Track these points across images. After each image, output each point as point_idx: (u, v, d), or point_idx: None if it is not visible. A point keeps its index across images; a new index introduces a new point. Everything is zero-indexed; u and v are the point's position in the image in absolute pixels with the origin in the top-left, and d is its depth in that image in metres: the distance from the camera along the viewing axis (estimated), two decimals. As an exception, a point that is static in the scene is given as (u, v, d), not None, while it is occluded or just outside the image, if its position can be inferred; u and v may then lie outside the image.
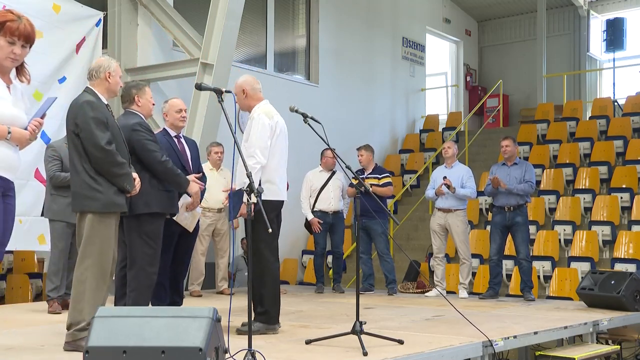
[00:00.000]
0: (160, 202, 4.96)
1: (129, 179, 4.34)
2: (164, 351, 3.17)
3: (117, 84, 4.50)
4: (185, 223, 5.57)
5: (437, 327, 5.49)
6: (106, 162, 4.24)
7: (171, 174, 5.01)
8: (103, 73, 4.42)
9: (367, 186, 4.97)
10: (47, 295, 6.20)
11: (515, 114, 16.24)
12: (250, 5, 9.76)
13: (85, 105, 4.31)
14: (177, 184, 5.07)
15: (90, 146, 4.23)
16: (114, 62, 4.51)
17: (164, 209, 5.01)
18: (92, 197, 4.24)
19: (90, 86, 4.45)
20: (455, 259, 9.55)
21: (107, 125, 4.30)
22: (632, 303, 6.49)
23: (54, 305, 6.09)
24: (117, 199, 4.30)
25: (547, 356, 5.52)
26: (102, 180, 4.27)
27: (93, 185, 4.24)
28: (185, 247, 5.81)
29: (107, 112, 4.38)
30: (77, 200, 4.29)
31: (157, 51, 9.38)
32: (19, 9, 7.37)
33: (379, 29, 13.79)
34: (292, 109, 4.97)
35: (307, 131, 4.95)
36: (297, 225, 9.57)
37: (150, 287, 4.96)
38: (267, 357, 3.77)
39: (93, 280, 4.22)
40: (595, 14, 16.35)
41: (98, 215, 4.24)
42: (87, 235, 4.24)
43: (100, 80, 4.43)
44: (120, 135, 4.44)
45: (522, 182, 7.77)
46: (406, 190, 12.68)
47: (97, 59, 4.61)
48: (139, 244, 4.89)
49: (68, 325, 4.23)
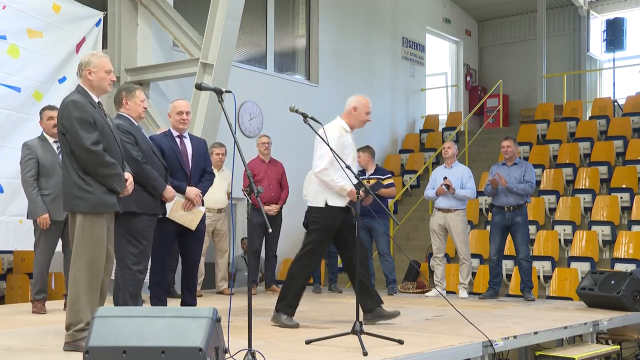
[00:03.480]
0: (139, 202, 4.87)
1: (119, 179, 4.27)
2: (164, 351, 3.17)
3: (101, 80, 4.35)
4: (184, 221, 5.52)
5: (437, 327, 5.49)
6: (93, 162, 4.18)
7: (145, 176, 4.92)
8: (84, 71, 4.36)
9: (366, 187, 4.97)
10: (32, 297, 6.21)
11: (515, 114, 16.25)
12: (250, 5, 9.76)
13: (70, 105, 4.23)
14: (152, 187, 4.99)
15: (75, 147, 4.17)
16: (95, 58, 4.37)
17: (144, 210, 4.93)
18: (81, 197, 4.20)
19: (81, 84, 4.40)
20: (455, 259, 9.55)
21: (93, 125, 4.22)
22: (632, 303, 6.48)
23: (38, 305, 6.10)
24: (107, 199, 4.25)
25: (547, 356, 5.52)
26: (91, 180, 4.22)
27: (82, 186, 4.20)
28: (191, 246, 5.71)
29: (96, 110, 4.28)
30: (67, 200, 4.26)
31: (157, 51, 9.38)
32: (19, 9, 7.40)
33: (379, 29, 13.80)
34: (292, 109, 4.97)
35: (307, 131, 4.94)
36: (297, 225, 9.57)
37: (138, 285, 4.93)
38: (267, 357, 3.76)
39: (86, 280, 4.21)
40: (595, 14, 16.35)
41: (88, 215, 4.22)
42: (77, 236, 4.23)
43: (84, 79, 4.37)
44: (111, 134, 4.37)
45: (522, 183, 7.76)
46: (406, 190, 12.68)
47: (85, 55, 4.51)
48: (122, 243, 4.88)
49: (67, 326, 4.23)
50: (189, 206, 5.50)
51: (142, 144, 5.02)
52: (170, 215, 5.41)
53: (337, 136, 5.33)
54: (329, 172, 5.29)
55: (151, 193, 5.00)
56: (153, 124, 8.80)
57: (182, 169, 5.59)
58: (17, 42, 7.25)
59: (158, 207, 5.11)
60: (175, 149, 5.65)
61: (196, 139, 5.97)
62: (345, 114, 5.55)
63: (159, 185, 5.02)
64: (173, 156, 5.57)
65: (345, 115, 5.54)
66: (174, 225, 5.50)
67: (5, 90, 7.04)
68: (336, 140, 5.27)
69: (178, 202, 5.43)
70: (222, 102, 4.62)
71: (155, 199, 5.04)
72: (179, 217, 5.48)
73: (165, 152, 5.52)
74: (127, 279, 4.90)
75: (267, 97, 10.85)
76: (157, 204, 5.08)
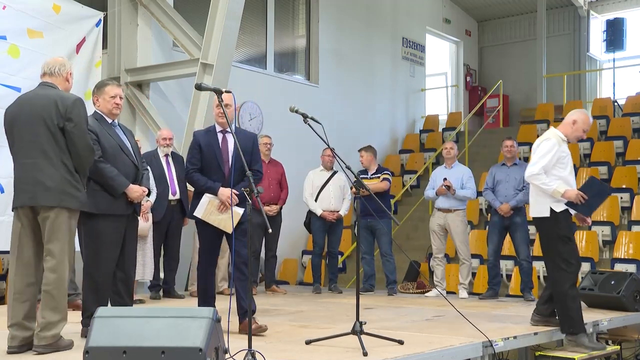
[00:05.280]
0: (98, 203, 4.71)
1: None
2: (164, 351, 3.17)
3: (71, 88, 4.55)
4: (218, 223, 5.20)
5: (437, 327, 5.49)
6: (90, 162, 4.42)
7: (100, 175, 4.71)
8: (65, 73, 4.44)
9: (366, 186, 4.98)
10: None
11: (515, 114, 16.24)
12: (250, 5, 9.76)
13: (79, 103, 4.31)
14: (109, 186, 4.74)
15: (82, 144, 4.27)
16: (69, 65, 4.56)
17: (103, 210, 4.74)
18: (71, 194, 4.24)
19: (49, 81, 4.41)
20: (455, 259, 9.55)
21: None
22: (632, 303, 6.49)
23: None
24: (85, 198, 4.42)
25: (547, 356, 5.51)
26: (79, 178, 4.31)
27: (73, 183, 4.26)
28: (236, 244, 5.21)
29: None
30: (53, 194, 4.19)
31: (157, 51, 9.37)
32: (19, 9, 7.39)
33: (379, 29, 13.79)
34: (292, 109, 4.97)
35: (307, 131, 4.94)
36: (297, 225, 9.58)
37: (96, 288, 4.75)
38: (267, 357, 3.76)
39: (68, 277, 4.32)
40: (595, 14, 16.35)
41: (73, 212, 4.29)
42: (61, 231, 4.21)
43: (62, 80, 4.43)
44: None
45: (521, 184, 7.74)
46: (406, 191, 12.68)
47: (54, 57, 4.58)
48: (84, 244, 4.89)
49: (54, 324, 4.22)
50: (223, 208, 5.17)
51: (107, 142, 4.78)
52: (205, 217, 5.19)
53: (557, 145, 5.30)
54: (540, 177, 5.25)
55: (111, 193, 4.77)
56: (153, 124, 8.80)
57: (219, 167, 5.21)
58: (17, 42, 7.24)
59: (122, 207, 4.82)
60: (214, 145, 5.25)
61: (243, 134, 5.48)
62: (562, 125, 5.50)
63: (117, 185, 4.74)
64: (211, 154, 5.20)
65: (563, 126, 5.49)
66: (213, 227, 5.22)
67: (5, 91, 7.02)
68: (556, 149, 5.26)
69: (212, 203, 5.17)
70: (222, 102, 4.62)
71: (118, 199, 4.79)
72: (213, 220, 5.21)
73: (202, 149, 5.22)
74: (86, 281, 4.80)
75: (267, 98, 10.84)
76: (119, 204, 4.81)
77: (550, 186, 5.22)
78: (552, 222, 5.29)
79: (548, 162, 5.27)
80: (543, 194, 5.29)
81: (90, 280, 4.79)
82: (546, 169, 5.26)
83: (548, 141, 5.33)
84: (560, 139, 5.39)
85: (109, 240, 4.77)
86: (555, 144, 5.31)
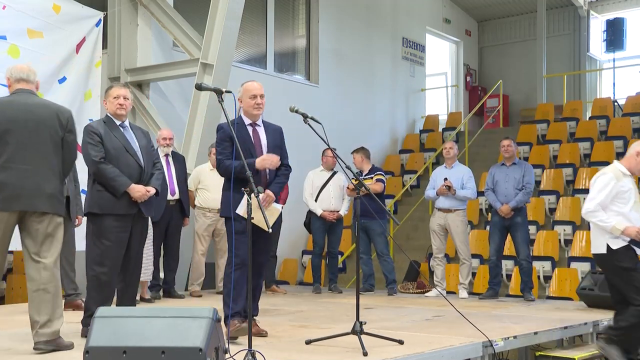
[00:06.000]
0: (101, 203, 4.81)
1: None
2: (164, 351, 3.17)
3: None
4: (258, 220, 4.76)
5: (437, 327, 5.49)
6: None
7: (101, 176, 4.80)
8: (36, 82, 4.57)
9: (366, 186, 4.97)
10: None
11: (515, 114, 16.24)
12: (250, 5, 9.76)
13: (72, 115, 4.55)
14: (111, 187, 4.80)
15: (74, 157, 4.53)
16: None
17: (106, 210, 4.81)
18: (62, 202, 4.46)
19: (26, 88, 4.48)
20: (455, 259, 9.55)
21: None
22: (632, 303, 6.47)
23: None
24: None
25: (547, 356, 5.52)
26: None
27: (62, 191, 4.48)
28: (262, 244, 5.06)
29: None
30: (51, 201, 4.33)
31: (157, 51, 9.38)
32: (19, 9, 7.40)
33: (379, 29, 13.79)
34: (292, 109, 4.97)
35: (307, 132, 4.94)
36: (297, 225, 9.58)
37: (99, 287, 4.79)
38: (267, 357, 3.76)
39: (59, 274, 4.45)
40: (595, 14, 16.34)
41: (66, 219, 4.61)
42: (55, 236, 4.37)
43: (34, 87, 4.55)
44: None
45: (520, 183, 7.75)
46: (406, 191, 12.68)
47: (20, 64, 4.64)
48: (88, 243, 4.95)
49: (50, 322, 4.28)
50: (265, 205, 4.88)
51: (110, 143, 4.84)
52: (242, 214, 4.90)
53: (614, 180, 5.14)
54: (596, 213, 5.12)
55: (113, 193, 4.82)
56: (153, 124, 8.80)
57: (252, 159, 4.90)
58: (17, 42, 7.25)
59: (124, 207, 4.85)
60: (246, 138, 4.96)
61: (272, 127, 5.21)
62: (626, 159, 5.32)
63: (118, 185, 4.78)
64: (244, 146, 4.81)
65: (626, 159, 5.31)
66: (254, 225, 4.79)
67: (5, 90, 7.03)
68: (613, 184, 5.12)
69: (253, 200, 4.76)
70: (222, 102, 4.61)
71: (121, 199, 4.83)
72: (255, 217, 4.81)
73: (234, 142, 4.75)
74: (89, 281, 4.86)
75: (267, 97, 10.65)
76: (122, 203, 4.84)
77: (608, 223, 5.07)
78: (609, 257, 5.18)
79: (605, 197, 5.10)
80: (601, 229, 5.17)
81: (93, 279, 4.83)
82: (603, 205, 5.11)
83: (604, 176, 5.19)
84: (621, 173, 5.21)
85: (112, 240, 4.82)
86: (612, 178, 5.15)
